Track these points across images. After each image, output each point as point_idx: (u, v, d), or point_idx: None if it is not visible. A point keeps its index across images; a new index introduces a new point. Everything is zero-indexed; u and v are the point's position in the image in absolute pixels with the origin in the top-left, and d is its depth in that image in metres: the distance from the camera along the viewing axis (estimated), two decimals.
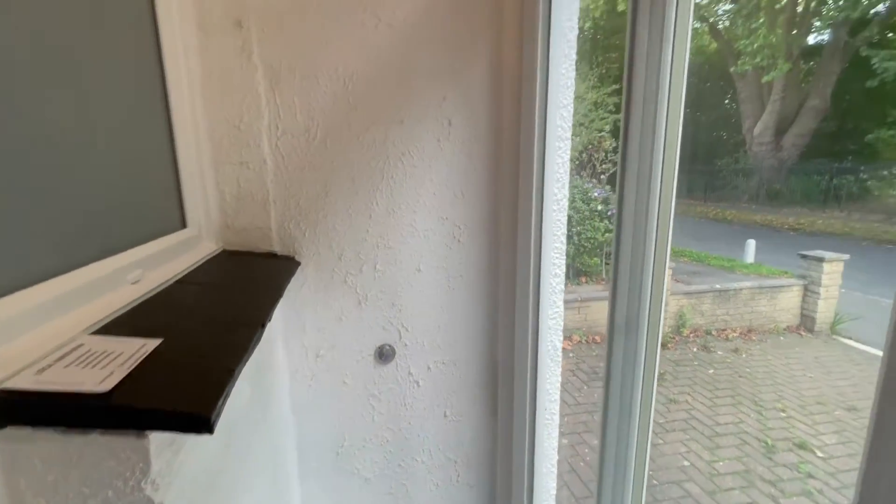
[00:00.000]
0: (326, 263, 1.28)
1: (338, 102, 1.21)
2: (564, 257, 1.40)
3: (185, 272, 0.94)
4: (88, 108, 0.73)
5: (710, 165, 18.13)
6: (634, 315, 1.06)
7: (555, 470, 1.55)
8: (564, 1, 1.15)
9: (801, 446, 3.29)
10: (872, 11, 12.14)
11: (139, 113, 0.90)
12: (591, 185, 7.42)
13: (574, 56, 1.24)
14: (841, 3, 12.83)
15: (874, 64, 11.79)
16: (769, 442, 3.34)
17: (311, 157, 1.21)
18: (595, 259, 7.07)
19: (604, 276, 7.03)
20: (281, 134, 1.19)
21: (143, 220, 0.89)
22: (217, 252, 1.15)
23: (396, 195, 1.28)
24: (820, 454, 3.19)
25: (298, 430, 1.34)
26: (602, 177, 8.22)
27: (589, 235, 6.82)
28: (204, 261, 1.04)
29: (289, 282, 1.05)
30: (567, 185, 1.35)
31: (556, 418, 1.51)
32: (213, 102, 1.13)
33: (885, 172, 13.99)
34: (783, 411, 3.73)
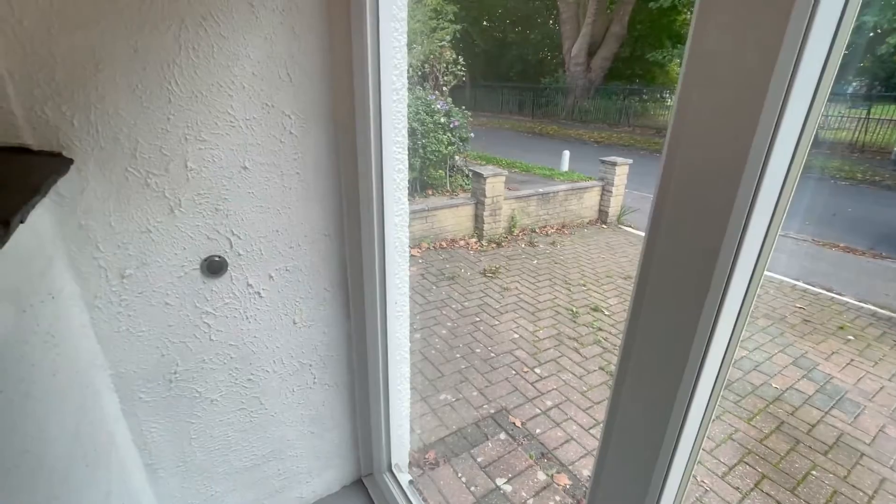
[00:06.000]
0: (116, 161, 1.01)
1: None
2: (406, 151, 1.38)
3: None
4: None
5: (537, 83, 19.75)
6: None
7: (407, 356, 1.67)
8: None
9: (595, 309, 4.22)
10: None
11: None
12: (433, 97, 7.37)
13: None
14: None
15: None
16: (574, 309, 4.21)
17: (63, 9, 0.88)
18: (440, 171, 7.30)
19: (448, 187, 7.36)
20: None
21: None
22: None
23: (203, 73, 1.04)
24: (607, 313, 4.16)
25: (110, 363, 1.13)
26: (444, 89, 8.22)
27: (433, 148, 6.93)
28: None
29: (53, 179, 0.79)
30: (405, 73, 1.28)
31: (407, 310, 1.59)
32: None
33: (658, 95, 17.43)
34: (584, 285, 4.69)
